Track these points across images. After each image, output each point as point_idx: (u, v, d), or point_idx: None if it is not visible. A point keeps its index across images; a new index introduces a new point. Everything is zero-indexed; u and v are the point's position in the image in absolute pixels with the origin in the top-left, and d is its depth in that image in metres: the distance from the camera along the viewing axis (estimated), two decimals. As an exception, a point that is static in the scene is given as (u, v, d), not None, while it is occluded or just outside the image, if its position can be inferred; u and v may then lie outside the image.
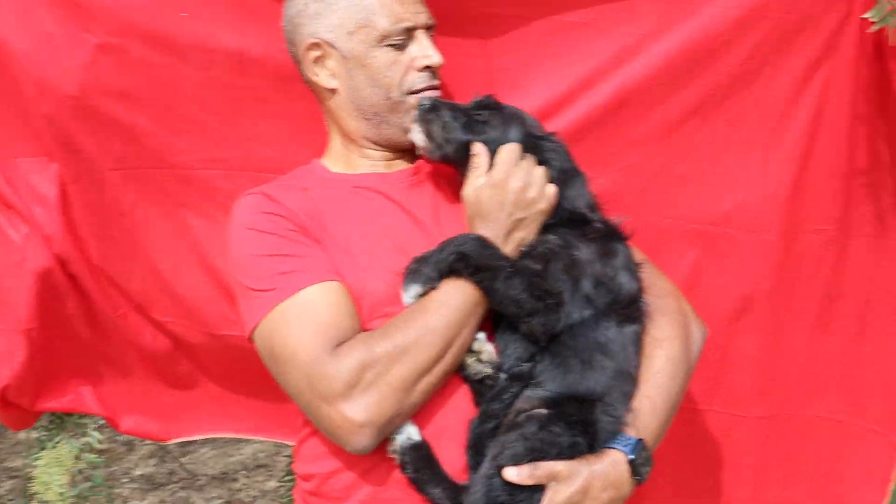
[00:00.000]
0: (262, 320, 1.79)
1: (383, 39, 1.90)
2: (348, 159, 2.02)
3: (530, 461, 1.71)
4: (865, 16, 1.96)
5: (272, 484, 5.76)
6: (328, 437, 1.77)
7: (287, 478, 6.00)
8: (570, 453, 1.72)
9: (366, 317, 1.80)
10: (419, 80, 1.93)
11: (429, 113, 1.87)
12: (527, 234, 1.81)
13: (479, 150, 1.84)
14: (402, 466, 1.76)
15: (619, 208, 1.98)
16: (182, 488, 6.18)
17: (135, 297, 2.38)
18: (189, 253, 2.31)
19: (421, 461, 1.76)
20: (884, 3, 1.92)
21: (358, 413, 1.69)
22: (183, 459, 6.56)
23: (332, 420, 1.71)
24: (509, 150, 1.82)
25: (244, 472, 6.37)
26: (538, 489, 1.71)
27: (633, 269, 1.85)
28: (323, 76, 1.97)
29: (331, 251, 1.84)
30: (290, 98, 2.21)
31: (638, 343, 1.83)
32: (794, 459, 2.35)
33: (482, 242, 1.77)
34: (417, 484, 1.76)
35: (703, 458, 2.33)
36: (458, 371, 1.80)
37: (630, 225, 1.90)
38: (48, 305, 2.29)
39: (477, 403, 1.81)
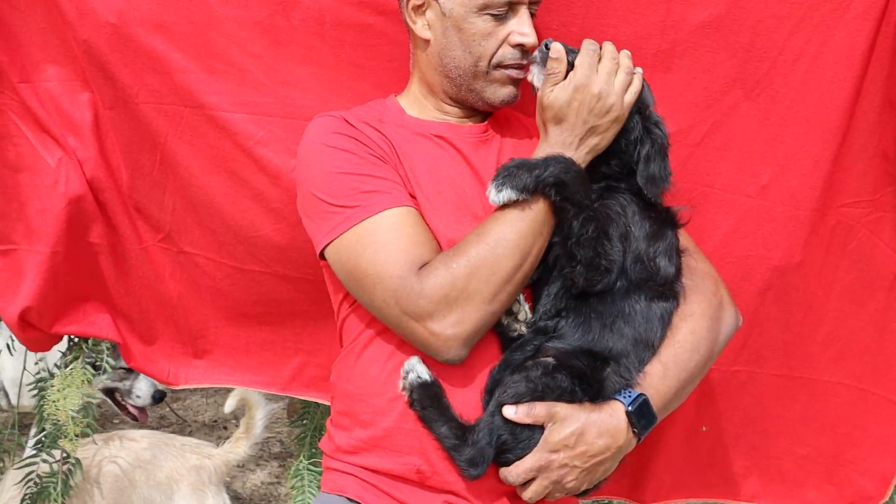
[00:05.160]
0: (343, 235, 1.82)
1: (485, 8, 1.89)
2: (423, 106, 2.04)
3: (529, 401, 1.76)
4: None
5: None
6: (419, 349, 1.82)
7: (277, 428, 6.01)
8: (569, 399, 1.77)
9: None
10: (510, 55, 1.92)
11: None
12: (600, 140, 1.82)
13: (557, 52, 1.82)
14: (411, 403, 1.81)
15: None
16: (172, 433, 6.19)
17: (165, 227, 2.39)
18: (219, 191, 2.30)
19: (429, 399, 1.79)
20: None
21: (445, 328, 1.75)
22: (174, 405, 6.59)
23: (421, 335, 1.77)
24: (590, 52, 1.81)
25: (234, 421, 6.39)
26: (539, 429, 1.77)
27: (672, 254, 1.87)
28: (419, 25, 1.97)
29: (403, 181, 1.87)
30: (331, 46, 2.20)
31: (666, 320, 1.86)
32: (809, 420, 2.38)
33: (581, 177, 1.78)
34: (425, 421, 1.81)
35: (720, 408, 2.37)
36: (493, 327, 1.83)
37: (686, 214, 1.93)
38: (75, 231, 2.31)
39: (503, 352, 1.86)
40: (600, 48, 1.83)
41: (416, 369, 1.81)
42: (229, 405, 3.62)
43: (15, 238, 2.35)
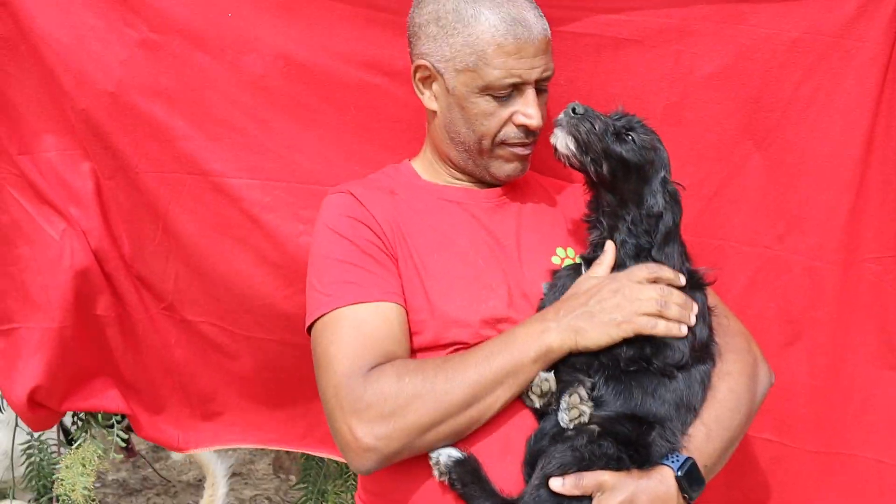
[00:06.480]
0: (318, 320, 1.82)
1: (486, 90, 1.86)
2: (437, 171, 2.02)
3: (577, 472, 1.70)
4: None
5: (248, 493, 5.67)
6: (338, 448, 1.78)
7: (264, 486, 5.91)
8: (616, 467, 1.72)
9: (433, 337, 1.81)
10: (513, 134, 1.90)
11: (581, 121, 1.80)
12: (584, 327, 1.73)
13: (609, 248, 1.82)
14: (451, 484, 1.75)
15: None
16: (157, 494, 6.09)
17: (167, 297, 2.34)
18: (224, 258, 2.26)
19: (468, 476, 1.74)
20: None
21: (367, 437, 1.69)
22: (157, 465, 6.47)
23: (343, 434, 1.73)
24: (639, 273, 1.78)
25: (220, 480, 6.27)
26: (586, 500, 1.70)
27: (706, 316, 1.84)
28: (426, 96, 1.95)
29: (406, 265, 1.84)
30: (336, 108, 2.18)
31: (706, 381, 1.83)
32: (851, 502, 2.24)
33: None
34: (467, 499, 1.75)
35: (753, 484, 2.28)
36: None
37: (712, 275, 1.89)
38: (82, 304, 2.25)
39: (538, 421, 1.80)
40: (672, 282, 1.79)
41: (444, 450, 1.75)
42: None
43: (16, 317, 2.29)
